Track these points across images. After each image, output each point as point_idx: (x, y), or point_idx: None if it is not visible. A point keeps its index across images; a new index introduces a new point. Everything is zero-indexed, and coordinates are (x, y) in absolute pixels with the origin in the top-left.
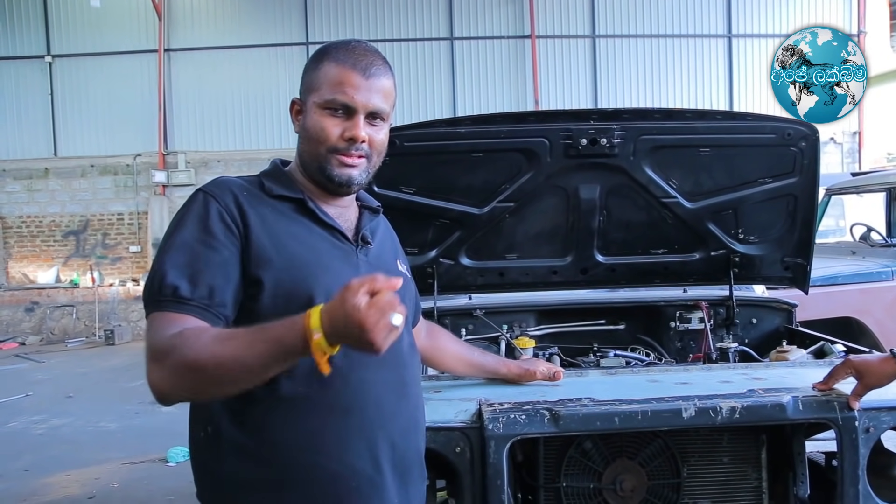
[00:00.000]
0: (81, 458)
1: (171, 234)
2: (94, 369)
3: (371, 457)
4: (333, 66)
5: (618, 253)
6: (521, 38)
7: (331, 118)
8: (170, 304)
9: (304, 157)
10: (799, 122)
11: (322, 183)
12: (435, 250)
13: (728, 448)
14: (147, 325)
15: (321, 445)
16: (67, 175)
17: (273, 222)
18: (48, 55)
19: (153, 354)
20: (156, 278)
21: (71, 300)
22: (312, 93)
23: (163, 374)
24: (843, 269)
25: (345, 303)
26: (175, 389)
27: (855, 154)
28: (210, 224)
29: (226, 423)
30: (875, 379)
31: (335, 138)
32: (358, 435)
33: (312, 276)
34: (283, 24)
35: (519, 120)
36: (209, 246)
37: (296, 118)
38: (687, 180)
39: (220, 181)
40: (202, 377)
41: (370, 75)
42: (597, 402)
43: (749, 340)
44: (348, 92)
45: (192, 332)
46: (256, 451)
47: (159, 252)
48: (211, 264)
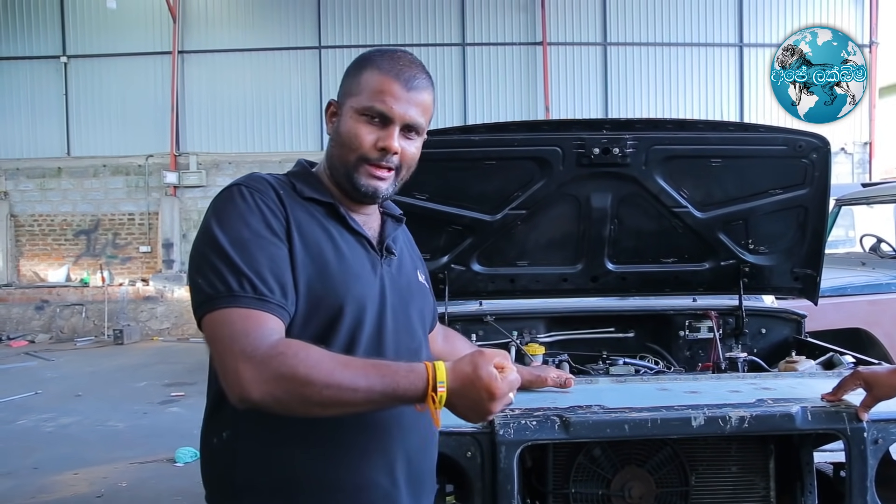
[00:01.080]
0: (90, 457)
1: (228, 226)
2: (103, 368)
3: (388, 471)
4: (376, 74)
5: (628, 261)
6: (532, 45)
7: (366, 125)
8: (252, 300)
9: (334, 161)
10: (811, 135)
11: (347, 190)
12: (447, 256)
13: (736, 457)
14: (219, 321)
15: (340, 458)
16: (80, 175)
17: (307, 225)
18: (64, 55)
19: (247, 355)
20: (228, 272)
21: (81, 299)
22: (351, 97)
23: (262, 381)
24: (852, 280)
25: (479, 369)
26: (269, 396)
27: (865, 164)
28: (266, 219)
29: (243, 431)
30: (884, 391)
31: (368, 146)
32: (376, 449)
33: (343, 285)
34: (296, 28)
35: (532, 128)
36: (271, 242)
37: (330, 120)
38: (698, 190)
39: (258, 177)
40: (307, 394)
41: (412, 87)
42: (607, 409)
43: (758, 350)
44: (387, 101)
45: (302, 345)
46: (273, 461)
47: (217, 243)
48: (277, 261)
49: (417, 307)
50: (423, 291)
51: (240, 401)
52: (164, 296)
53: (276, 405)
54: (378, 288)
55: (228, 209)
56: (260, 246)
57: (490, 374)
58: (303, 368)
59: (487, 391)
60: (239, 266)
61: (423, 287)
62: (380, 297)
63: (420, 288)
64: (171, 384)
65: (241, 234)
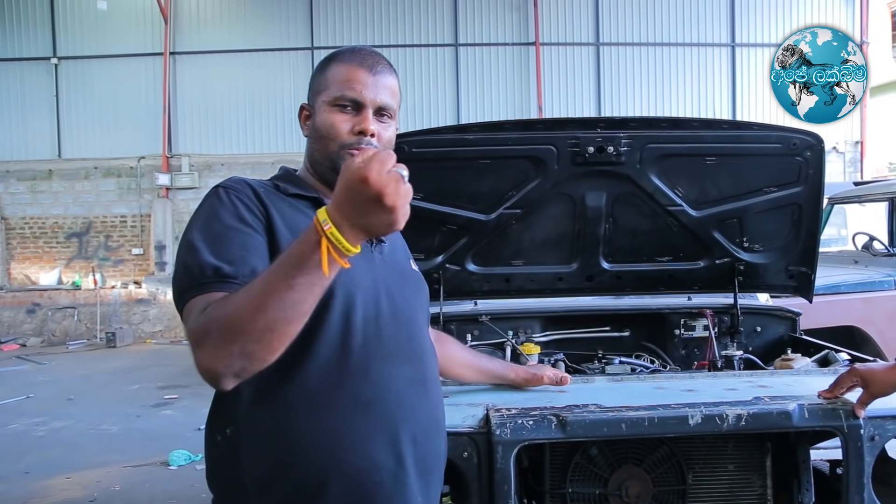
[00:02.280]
0: (82, 461)
1: (201, 224)
2: (96, 371)
3: (394, 451)
4: (341, 66)
5: (623, 260)
6: (525, 45)
7: (340, 114)
8: (214, 284)
9: (316, 157)
10: (804, 132)
11: (334, 180)
12: (441, 256)
13: (733, 455)
14: (186, 314)
15: (342, 440)
16: (71, 177)
17: (291, 216)
18: (54, 57)
19: (196, 337)
20: (194, 265)
21: (73, 302)
22: (321, 93)
23: (208, 351)
24: (845, 278)
25: (345, 172)
26: (223, 363)
27: (857, 163)
28: (239, 212)
29: (244, 425)
30: (881, 387)
31: (345, 133)
32: (379, 429)
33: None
34: (288, 29)
35: (527, 127)
36: (242, 231)
37: (304, 123)
38: (692, 189)
39: (237, 179)
40: (242, 334)
41: (377, 72)
42: (604, 408)
43: (753, 348)
44: (356, 87)
45: (222, 298)
46: (278, 452)
47: (189, 243)
48: (250, 247)
49: (414, 291)
50: (417, 278)
51: (214, 384)
52: (156, 298)
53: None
54: (370, 274)
55: (203, 211)
56: (229, 236)
57: (353, 167)
58: (227, 313)
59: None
60: (203, 257)
61: (417, 274)
62: (373, 282)
63: (413, 274)
64: (164, 387)
65: (210, 229)
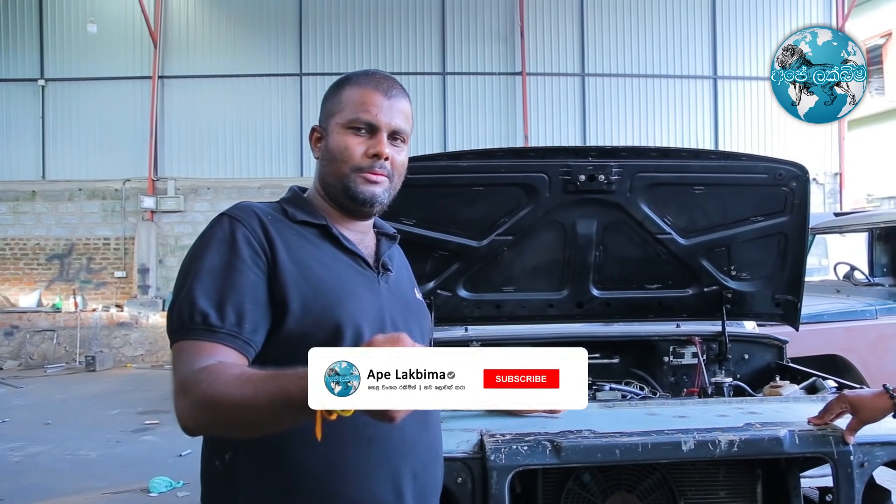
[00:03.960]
0: (59, 487)
1: (197, 257)
2: (74, 396)
3: (394, 486)
4: (356, 89)
5: (613, 287)
6: (512, 75)
7: (354, 137)
8: (200, 332)
9: (328, 180)
10: (790, 163)
11: (345, 204)
12: (433, 282)
13: (724, 482)
14: (174, 354)
15: (345, 474)
16: (55, 198)
17: (298, 248)
18: (41, 78)
19: (180, 387)
20: (184, 305)
21: (52, 325)
22: (335, 115)
23: (186, 408)
24: (827, 307)
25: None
26: (197, 424)
27: (836, 195)
28: (237, 247)
29: (245, 452)
30: (869, 414)
31: (359, 156)
32: (382, 464)
33: (339, 303)
34: (277, 55)
35: (519, 155)
36: (237, 269)
37: (315, 145)
38: (681, 217)
39: (244, 206)
40: (218, 416)
41: (391, 96)
42: (598, 434)
43: (741, 376)
44: (371, 111)
45: (217, 369)
46: (278, 479)
47: (185, 276)
48: (240, 288)
49: (417, 322)
50: (421, 307)
51: (185, 432)
52: (138, 322)
53: (206, 431)
54: (376, 305)
55: (204, 241)
56: (224, 276)
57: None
58: (210, 392)
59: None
60: (193, 298)
61: (420, 304)
62: (378, 314)
63: (418, 304)
64: (145, 412)
65: (205, 264)
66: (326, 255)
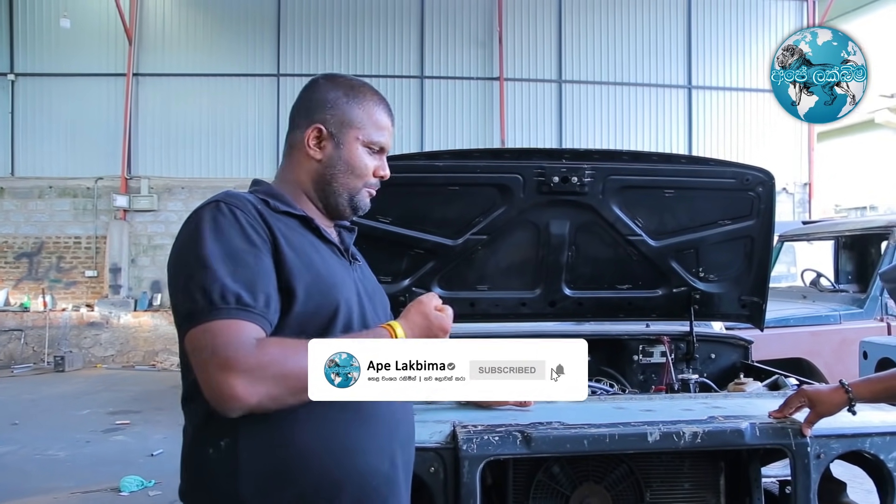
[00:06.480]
0: (27, 487)
1: (210, 241)
2: (43, 396)
3: (389, 457)
4: (378, 110)
5: (585, 287)
6: (489, 80)
7: (370, 156)
8: (236, 311)
9: (331, 185)
10: (757, 169)
11: (339, 210)
12: (408, 280)
13: (689, 474)
14: (203, 335)
15: (346, 449)
16: (24, 195)
17: (291, 235)
18: (11, 73)
19: (238, 366)
20: (212, 286)
21: (20, 324)
22: (354, 128)
23: (256, 387)
24: (794, 312)
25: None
26: (266, 398)
27: (805, 204)
28: (247, 233)
29: (245, 437)
30: (826, 407)
31: (370, 174)
32: (377, 439)
33: (336, 288)
34: (254, 55)
35: (495, 156)
36: (253, 255)
37: (316, 145)
38: (652, 220)
39: (234, 193)
40: (301, 385)
41: (393, 121)
42: (567, 425)
43: (708, 374)
44: (385, 135)
45: (279, 342)
46: (281, 459)
47: (201, 261)
48: (262, 273)
49: (382, 306)
50: (382, 291)
51: (233, 409)
52: (109, 322)
53: (272, 404)
54: (355, 291)
55: (209, 226)
56: (242, 259)
57: (439, 317)
58: (290, 363)
59: (442, 330)
60: (221, 279)
61: (381, 288)
62: (357, 298)
63: (381, 289)
64: (115, 412)
65: (222, 248)
66: (313, 244)
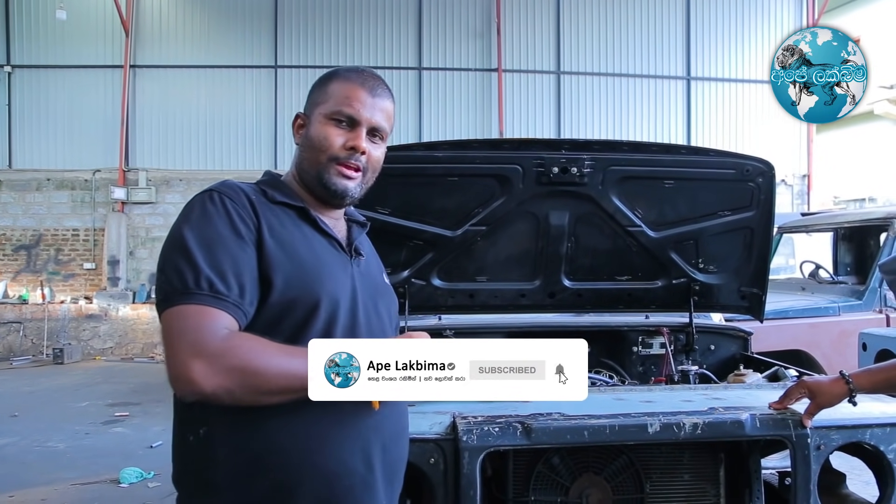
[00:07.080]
0: (27, 479)
1: (194, 227)
2: (42, 388)
3: (364, 458)
4: (343, 83)
5: (584, 278)
6: (488, 71)
7: (335, 128)
8: (207, 298)
9: (304, 166)
10: (757, 160)
11: (318, 192)
12: (407, 271)
13: (689, 465)
14: (174, 317)
15: (319, 445)
16: (22, 188)
17: (280, 227)
18: (8, 65)
19: (201, 351)
20: (186, 270)
21: (18, 317)
22: (319, 105)
23: (213, 374)
24: (793, 304)
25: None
26: (220, 389)
27: (804, 196)
28: (234, 222)
29: (220, 426)
30: (826, 399)
31: (337, 147)
32: (354, 436)
33: (318, 282)
34: (252, 47)
35: (494, 146)
36: (236, 244)
37: (297, 132)
38: (651, 210)
39: (230, 183)
40: (258, 383)
41: (376, 95)
42: (567, 416)
43: (707, 365)
44: (354, 105)
45: (249, 337)
46: (254, 452)
47: (182, 243)
48: (240, 261)
49: (385, 305)
50: (390, 292)
51: (188, 393)
52: (108, 314)
53: (226, 396)
54: (349, 286)
55: (197, 212)
56: (223, 247)
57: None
58: (254, 360)
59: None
60: (198, 264)
61: (388, 288)
62: (351, 294)
63: (387, 288)
64: (114, 404)
65: (205, 234)
66: (305, 236)
